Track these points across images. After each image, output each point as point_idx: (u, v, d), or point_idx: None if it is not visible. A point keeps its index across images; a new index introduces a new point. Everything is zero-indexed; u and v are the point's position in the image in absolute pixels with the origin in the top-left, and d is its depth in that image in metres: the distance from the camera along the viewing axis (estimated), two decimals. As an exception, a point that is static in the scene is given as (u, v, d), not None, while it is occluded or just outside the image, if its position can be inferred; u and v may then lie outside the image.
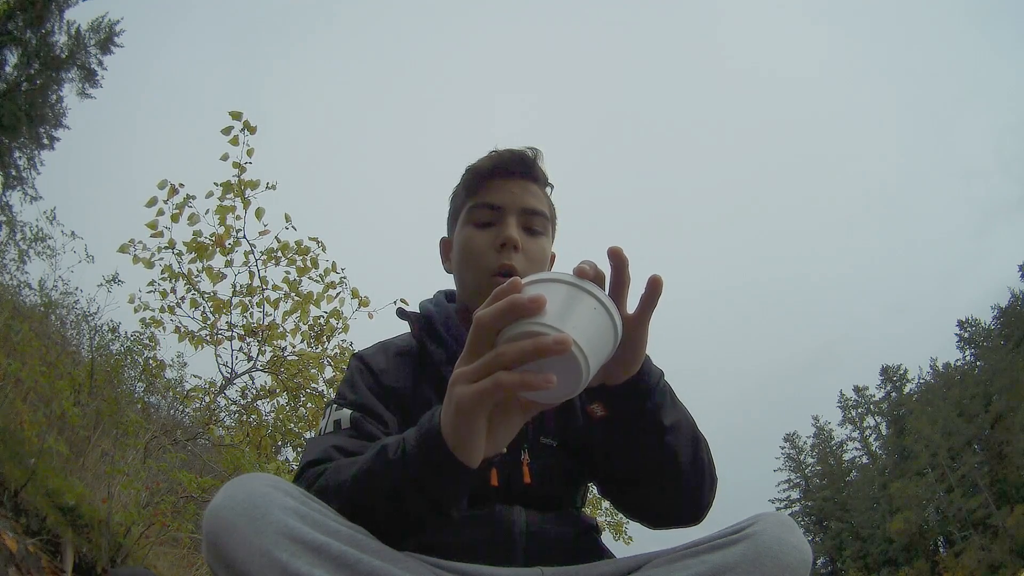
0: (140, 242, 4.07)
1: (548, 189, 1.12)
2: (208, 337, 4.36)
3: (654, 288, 0.68)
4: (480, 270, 1.03)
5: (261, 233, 4.10)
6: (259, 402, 4.59)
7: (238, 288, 4.33)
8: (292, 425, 4.35)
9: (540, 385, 0.57)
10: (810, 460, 46.41)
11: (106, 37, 12.50)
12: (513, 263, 1.01)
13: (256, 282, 4.29)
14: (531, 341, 0.57)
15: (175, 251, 4.13)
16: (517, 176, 1.06)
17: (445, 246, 1.14)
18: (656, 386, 0.80)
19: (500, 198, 1.04)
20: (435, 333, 1.05)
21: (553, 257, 1.15)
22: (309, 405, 4.32)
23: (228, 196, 4.02)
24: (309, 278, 4.38)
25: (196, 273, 4.23)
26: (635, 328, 0.70)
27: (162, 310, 4.30)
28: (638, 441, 0.81)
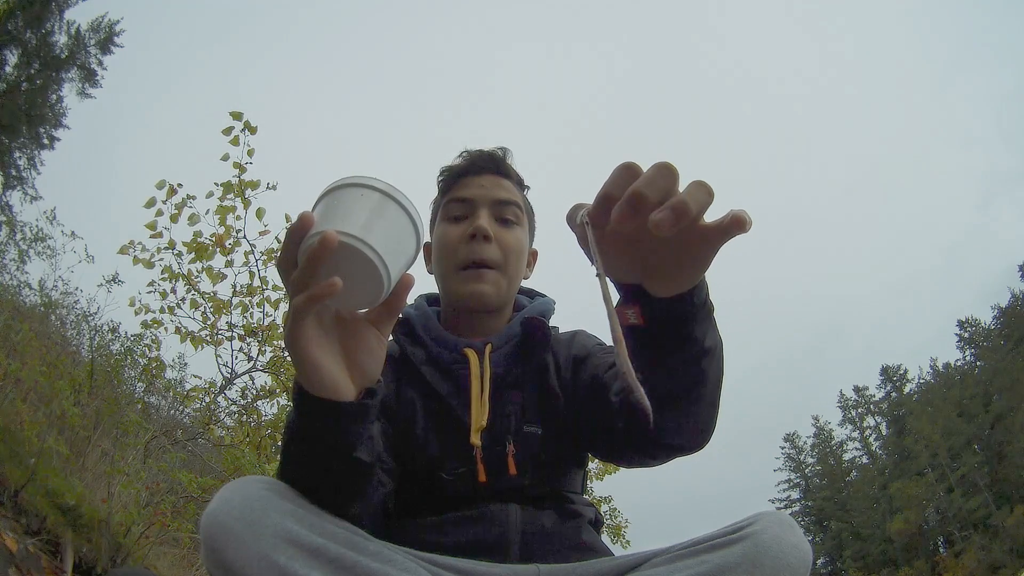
0: (140, 243, 4.08)
1: (525, 191, 1.14)
2: (208, 337, 4.36)
3: (739, 224, 0.55)
4: (450, 264, 1.04)
5: (261, 233, 4.10)
6: (259, 402, 4.59)
7: (238, 288, 4.33)
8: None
9: (326, 292, 0.61)
10: (810, 460, 46.40)
11: (106, 37, 12.47)
12: (485, 254, 1.02)
13: (256, 282, 4.29)
14: (303, 254, 0.62)
15: (175, 252, 4.13)
16: (488, 172, 1.09)
17: (427, 250, 1.16)
18: (704, 305, 0.68)
19: (471, 192, 1.07)
20: (414, 335, 1.06)
21: (535, 254, 1.16)
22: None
23: (228, 196, 4.02)
24: (309, 278, 4.37)
25: (196, 273, 4.23)
26: (702, 243, 0.59)
27: (162, 311, 4.30)
28: (669, 360, 0.71)
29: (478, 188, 1.07)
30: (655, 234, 0.52)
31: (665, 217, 0.51)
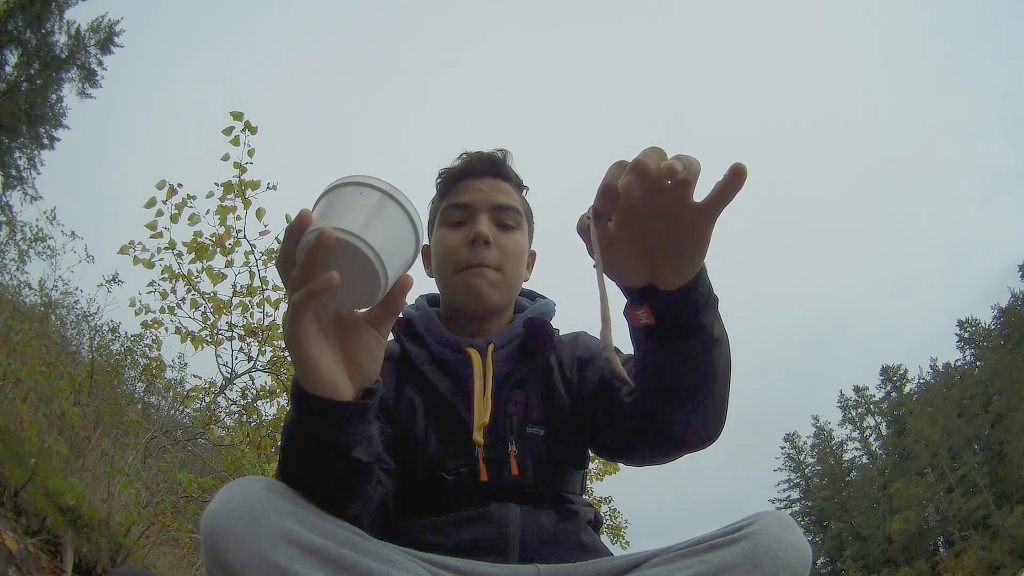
0: (140, 243, 4.07)
1: (524, 192, 1.13)
2: (208, 337, 4.36)
3: (736, 177, 0.60)
4: (450, 268, 1.04)
5: (261, 233, 4.10)
6: (259, 402, 4.59)
7: (238, 288, 4.32)
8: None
9: (324, 286, 0.61)
10: (810, 460, 46.41)
11: (106, 37, 12.49)
12: (484, 259, 1.02)
13: (256, 282, 4.29)
14: (301, 251, 0.63)
15: (175, 252, 4.13)
16: (487, 175, 1.08)
17: (426, 252, 1.15)
18: (709, 294, 0.72)
19: (470, 197, 1.06)
20: (416, 334, 1.06)
21: (534, 255, 1.16)
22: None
23: (228, 196, 4.02)
24: (310, 278, 4.36)
25: (196, 274, 4.23)
26: (699, 219, 0.63)
27: (162, 311, 4.30)
28: (681, 352, 0.73)
29: (477, 192, 1.06)
30: (668, 175, 0.58)
31: (674, 161, 0.58)
